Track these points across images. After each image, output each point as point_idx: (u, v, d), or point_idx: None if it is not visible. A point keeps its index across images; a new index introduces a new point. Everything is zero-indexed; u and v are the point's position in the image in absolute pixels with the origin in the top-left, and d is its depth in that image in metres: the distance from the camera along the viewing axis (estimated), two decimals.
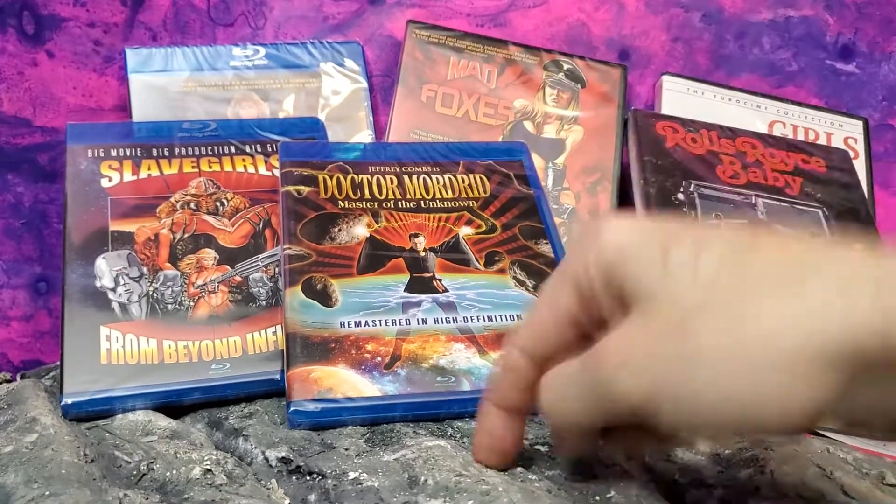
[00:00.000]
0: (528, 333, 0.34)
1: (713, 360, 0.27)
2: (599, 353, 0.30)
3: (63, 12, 0.69)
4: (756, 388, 0.26)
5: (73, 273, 0.51)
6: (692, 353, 0.27)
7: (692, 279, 0.28)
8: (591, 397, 0.30)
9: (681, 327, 0.27)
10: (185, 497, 0.37)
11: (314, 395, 0.44)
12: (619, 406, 0.29)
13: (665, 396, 0.28)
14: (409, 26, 0.73)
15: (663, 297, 0.28)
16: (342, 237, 0.52)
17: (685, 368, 0.27)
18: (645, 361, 0.28)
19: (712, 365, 0.27)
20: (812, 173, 0.67)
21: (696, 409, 0.27)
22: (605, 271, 0.30)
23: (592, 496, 0.36)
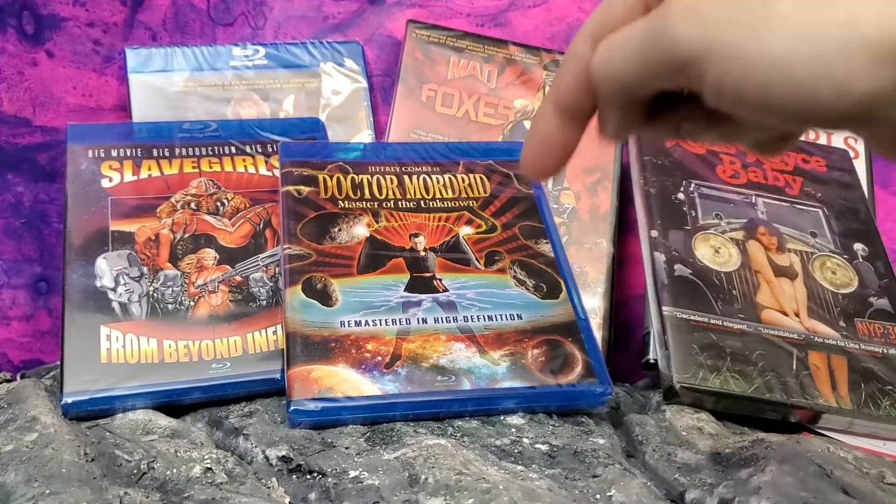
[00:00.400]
0: (597, 17, 0.32)
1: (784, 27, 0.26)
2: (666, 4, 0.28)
3: (63, 12, 0.69)
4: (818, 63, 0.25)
5: (73, 273, 0.51)
6: (764, 16, 0.26)
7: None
8: (646, 46, 0.29)
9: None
10: (185, 496, 0.37)
11: (314, 395, 0.44)
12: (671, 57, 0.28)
13: (720, 56, 0.27)
14: (409, 26, 0.73)
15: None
16: (342, 237, 0.52)
17: (752, 30, 0.26)
18: (713, 13, 0.27)
19: (781, 32, 0.26)
20: (812, 173, 0.68)
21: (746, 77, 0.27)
22: None
23: (593, 494, 0.36)
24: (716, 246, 0.60)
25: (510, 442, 0.42)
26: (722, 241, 0.60)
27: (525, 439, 0.43)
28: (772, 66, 0.26)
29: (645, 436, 0.45)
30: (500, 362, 0.47)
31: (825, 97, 0.26)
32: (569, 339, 0.49)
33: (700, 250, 0.59)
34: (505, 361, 0.47)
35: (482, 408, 0.46)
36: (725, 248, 0.60)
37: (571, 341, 0.49)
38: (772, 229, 0.62)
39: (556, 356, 0.48)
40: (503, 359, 0.47)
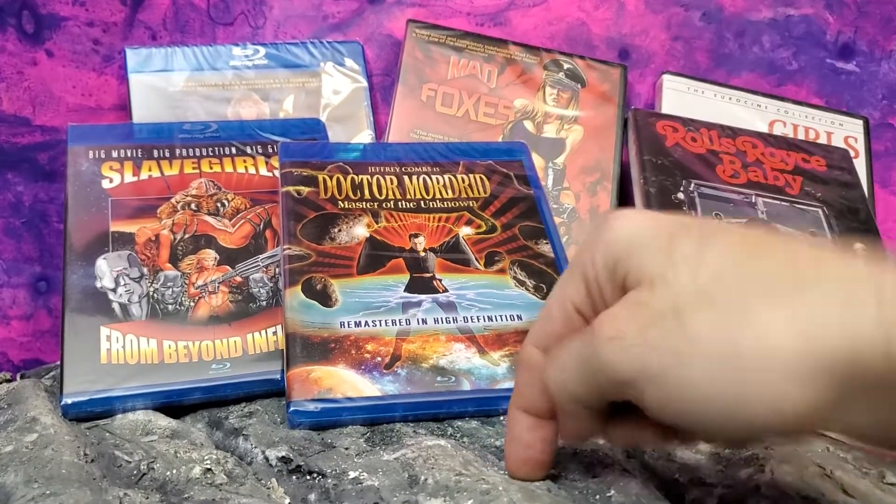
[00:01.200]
0: (541, 328, 0.34)
1: (705, 352, 0.27)
2: (595, 326, 0.30)
3: (62, 11, 0.69)
4: (747, 387, 0.26)
5: (73, 274, 0.51)
6: (685, 341, 0.27)
7: (695, 271, 0.28)
8: (584, 369, 0.30)
9: (677, 315, 0.28)
10: (185, 496, 0.37)
11: (314, 395, 0.44)
12: (608, 379, 0.29)
13: (651, 378, 0.28)
14: (409, 25, 0.73)
15: (663, 284, 0.28)
16: (342, 237, 0.52)
17: (675, 355, 0.27)
18: (635, 339, 0.28)
19: (704, 357, 0.27)
20: (812, 172, 0.67)
21: (681, 398, 0.27)
22: (610, 260, 0.31)
23: (592, 495, 0.36)
24: None
25: None
26: None
27: None
28: (703, 390, 0.27)
29: None
30: (500, 363, 0.47)
31: (762, 416, 0.26)
32: None
33: None
34: (505, 362, 0.47)
35: (482, 408, 0.46)
36: None
37: None
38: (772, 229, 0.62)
39: None
40: (503, 359, 0.47)
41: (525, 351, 0.35)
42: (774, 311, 0.26)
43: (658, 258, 0.29)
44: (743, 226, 0.31)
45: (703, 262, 0.28)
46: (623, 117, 0.72)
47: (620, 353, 0.29)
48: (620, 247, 0.30)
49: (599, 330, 0.29)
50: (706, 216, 0.61)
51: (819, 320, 0.25)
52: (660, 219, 0.31)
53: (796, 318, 0.26)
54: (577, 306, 0.33)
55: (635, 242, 0.30)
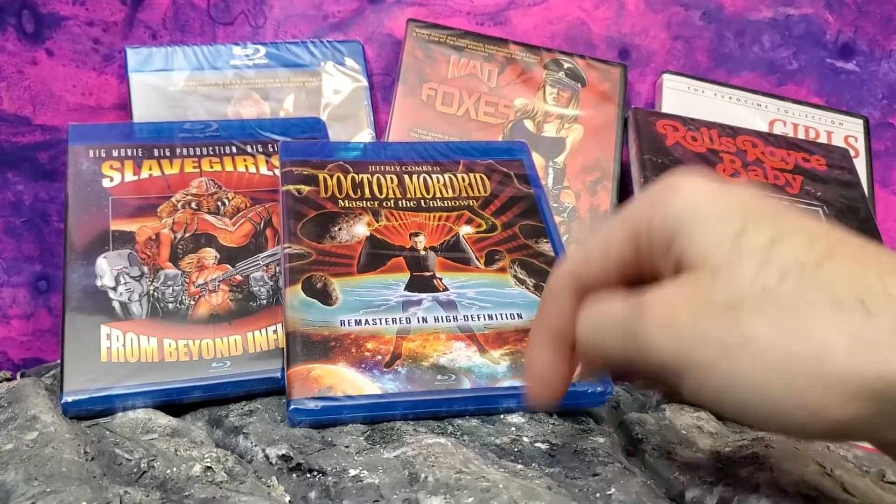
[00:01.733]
0: (578, 259, 0.34)
1: (758, 352, 0.26)
2: (644, 305, 0.29)
3: (62, 11, 0.69)
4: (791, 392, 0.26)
5: (73, 272, 0.51)
6: (739, 338, 0.27)
7: (761, 268, 0.27)
8: (625, 341, 0.30)
9: (734, 310, 0.27)
10: (185, 494, 0.37)
11: (314, 394, 0.44)
12: (649, 360, 0.29)
13: (696, 369, 0.28)
14: (410, 25, 0.73)
15: (726, 275, 0.28)
16: (342, 236, 0.52)
17: (725, 349, 0.27)
18: (688, 328, 0.28)
19: (754, 357, 0.26)
20: (812, 172, 0.67)
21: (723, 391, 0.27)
22: (670, 230, 0.30)
23: (593, 493, 0.36)
24: None
25: (510, 441, 0.42)
26: None
27: (525, 438, 0.43)
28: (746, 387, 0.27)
29: (645, 434, 0.45)
30: (500, 361, 0.47)
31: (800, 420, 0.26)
32: None
33: None
34: (505, 360, 0.47)
35: (482, 407, 0.46)
36: None
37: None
38: None
39: None
40: (503, 358, 0.47)
41: (554, 283, 0.35)
42: (836, 326, 0.26)
43: (725, 245, 0.28)
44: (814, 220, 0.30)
45: (769, 260, 0.27)
46: (623, 116, 0.72)
47: (670, 340, 0.28)
48: (684, 217, 0.29)
49: (651, 312, 0.29)
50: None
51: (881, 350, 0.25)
52: (730, 195, 0.30)
53: (856, 337, 0.25)
54: (621, 258, 0.32)
55: (700, 220, 0.29)
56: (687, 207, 0.30)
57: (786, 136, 0.71)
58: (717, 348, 0.27)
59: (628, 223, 0.32)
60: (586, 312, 0.32)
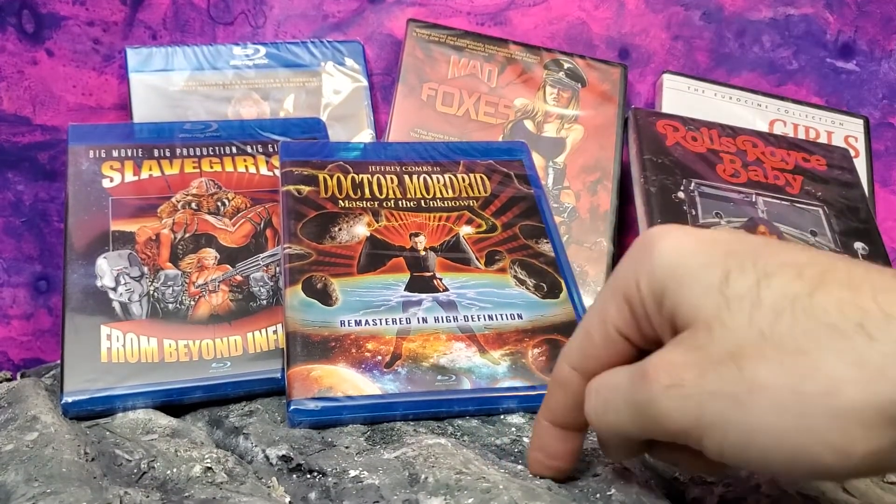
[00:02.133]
0: (578, 348, 0.33)
1: (768, 398, 0.26)
2: (648, 371, 0.29)
3: (62, 11, 0.69)
4: (812, 434, 0.25)
5: (74, 273, 0.51)
6: (746, 387, 0.26)
7: (752, 311, 0.27)
8: (635, 413, 0.29)
9: (736, 360, 0.26)
10: (185, 495, 0.37)
11: (314, 394, 0.44)
12: (664, 427, 0.28)
13: (712, 426, 0.27)
14: (410, 25, 0.73)
15: (720, 327, 0.27)
16: (342, 236, 0.52)
17: (736, 402, 0.26)
18: (694, 387, 0.27)
19: (767, 404, 0.26)
20: (812, 172, 0.67)
21: (744, 445, 0.27)
22: (657, 290, 0.29)
23: (593, 494, 0.36)
24: None
25: (510, 441, 0.42)
26: None
27: (525, 438, 0.43)
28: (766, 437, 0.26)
29: None
30: (500, 362, 0.47)
31: (828, 461, 0.25)
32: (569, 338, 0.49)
33: None
34: (505, 361, 0.47)
35: (482, 407, 0.46)
36: None
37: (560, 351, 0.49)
38: (772, 228, 0.62)
39: (557, 356, 0.48)
40: (503, 358, 0.47)
41: (560, 369, 0.34)
42: (840, 356, 0.25)
43: (712, 297, 0.28)
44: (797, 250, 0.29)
45: (760, 302, 0.27)
46: (623, 116, 0.72)
47: (678, 401, 0.27)
48: (667, 275, 0.29)
49: (655, 376, 0.28)
50: (706, 216, 0.61)
51: (890, 373, 0.25)
52: (707, 243, 0.29)
53: (863, 365, 0.25)
54: (621, 329, 0.31)
55: (684, 273, 0.29)
56: (668, 264, 0.29)
57: (786, 136, 0.71)
58: (728, 401, 0.26)
59: (618, 289, 0.31)
60: (592, 392, 0.32)
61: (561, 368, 0.34)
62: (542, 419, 0.35)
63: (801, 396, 0.25)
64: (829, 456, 0.25)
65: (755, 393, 0.26)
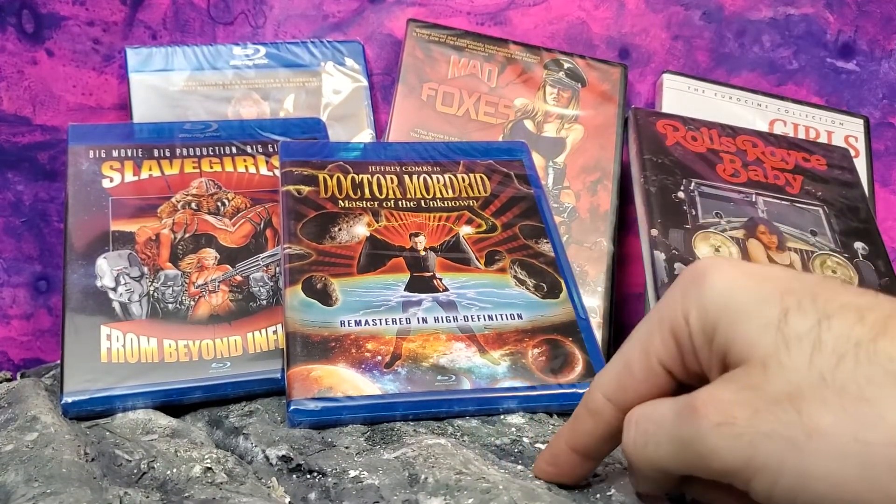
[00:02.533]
0: (615, 378, 0.32)
1: (828, 445, 0.25)
2: (697, 406, 0.27)
3: (62, 11, 0.69)
4: (872, 484, 0.24)
5: (73, 273, 0.51)
6: (805, 431, 0.25)
7: (813, 353, 0.26)
8: (680, 449, 0.28)
9: (794, 402, 0.26)
10: (185, 495, 0.37)
11: (314, 394, 0.44)
12: (710, 466, 0.27)
13: (764, 468, 0.26)
14: (410, 25, 0.73)
15: (777, 366, 0.26)
16: (342, 236, 0.52)
17: (793, 446, 0.25)
18: (747, 426, 0.26)
19: (826, 449, 0.25)
20: (812, 171, 0.67)
21: (798, 490, 0.26)
22: (709, 324, 0.28)
23: (593, 494, 0.36)
24: (716, 245, 0.60)
25: (510, 441, 0.42)
26: (722, 240, 0.60)
27: (525, 438, 0.43)
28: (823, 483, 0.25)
29: None
30: (500, 362, 0.47)
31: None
32: (569, 338, 0.49)
33: (700, 249, 0.59)
34: (505, 361, 0.47)
35: (482, 407, 0.46)
36: (725, 247, 0.60)
37: (572, 341, 0.49)
38: (772, 228, 0.62)
39: (557, 356, 0.48)
40: (503, 358, 0.47)
41: (593, 398, 0.33)
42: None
43: (769, 335, 0.27)
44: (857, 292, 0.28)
45: (821, 344, 0.26)
46: (623, 116, 0.72)
47: (730, 440, 0.26)
48: (720, 309, 0.28)
49: (705, 413, 0.27)
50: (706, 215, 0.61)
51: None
52: (763, 279, 0.28)
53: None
54: (664, 362, 0.30)
55: (739, 308, 0.28)
56: (722, 296, 0.28)
57: (786, 136, 0.71)
58: (784, 444, 0.25)
59: (664, 322, 0.30)
60: (632, 424, 0.31)
61: (594, 397, 0.33)
62: (564, 443, 0.34)
63: (863, 445, 0.24)
64: None
65: (814, 438, 0.25)
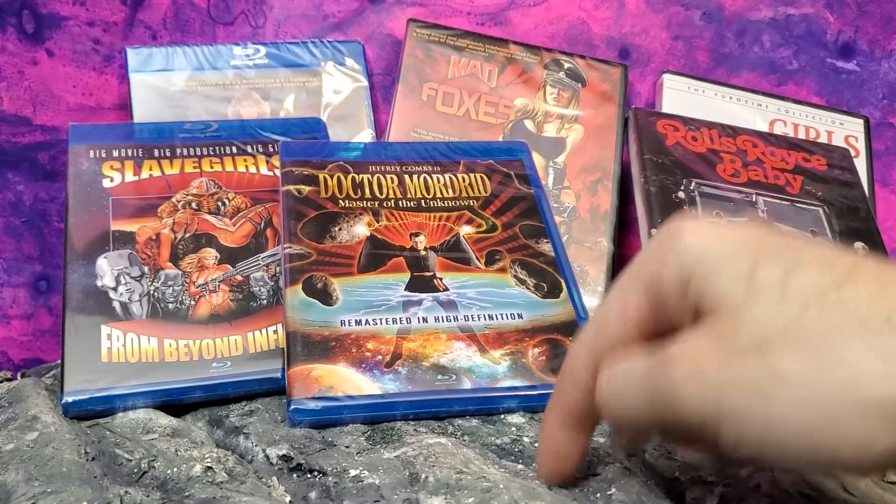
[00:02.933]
0: (591, 335, 0.33)
1: (792, 389, 0.25)
2: (668, 359, 0.28)
3: (63, 11, 0.69)
4: (834, 427, 0.25)
5: (74, 273, 0.51)
6: (769, 378, 0.26)
7: (779, 303, 0.26)
8: (652, 401, 0.29)
9: (761, 350, 0.26)
10: (185, 494, 0.37)
11: (315, 394, 0.44)
12: (680, 416, 0.28)
13: (731, 416, 0.26)
14: (410, 25, 0.73)
15: (745, 316, 0.27)
16: (343, 236, 0.52)
17: (759, 393, 0.26)
18: (716, 375, 0.27)
19: (790, 394, 0.25)
20: (813, 171, 0.67)
21: (762, 435, 0.26)
22: (683, 277, 0.29)
23: (593, 493, 0.36)
24: None
25: (510, 441, 0.42)
26: None
27: (525, 438, 0.43)
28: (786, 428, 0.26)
29: None
30: (500, 361, 0.47)
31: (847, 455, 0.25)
32: (570, 338, 0.49)
33: None
34: (506, 360, 0.47)
35: (483, 407, 0.46)
36: None
37: (572, 340, 0.49)
38: None
39: (557, 355, 0.48)
40: (504, 358, 0.47)
41: (573, 362, 0.33)
42: (866, 350, 0.25)
43: (739, 285, 0.27)
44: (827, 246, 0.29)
45: (788, 292, 0.26)
46: (623, 116, 0.72)
47: (699, 389, 0.27)
48: (695, 260, 0.29)
49: (675, 364, 0.28)
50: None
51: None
52: (735, 235, 0.29)
53: (890, 359, 0.24)
54: (639, 317, 0.31)
55: (711, 261, 0.28)
56: (697, 250, 0.29)
57: (786, 136, 0.71)
58: (750, 391, 0.26)
59: (638, 278, 0.31)
60: (607, 376, 0.31)
61: (574, 360, 0.33)
62: (551, 420, 0.35)
63: (824, 389, 0.25)
64: (850, 449, 0.25)
65: (777, 384, 0.26)
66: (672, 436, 0.32)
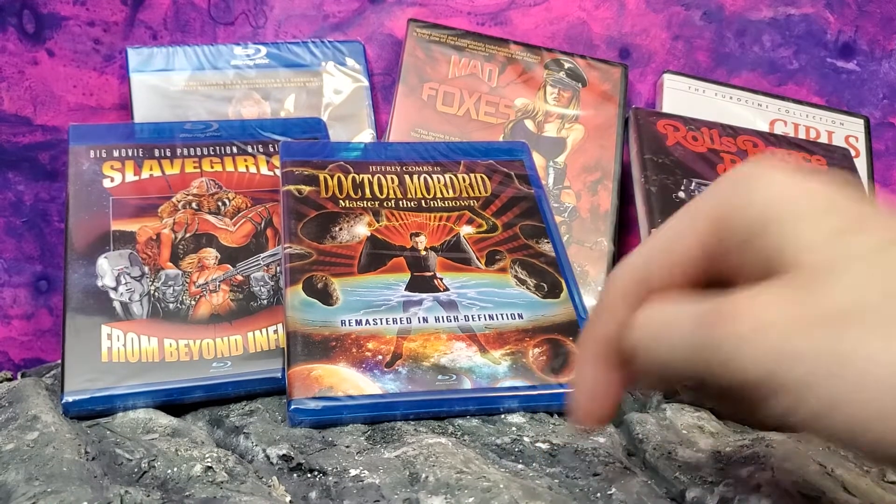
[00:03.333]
0: (640, 259, 0.30)
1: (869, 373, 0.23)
2: (728, 312, 0.25)
3: (63, 11, 0.69)
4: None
5: (74, 273, 0.51)
6: (843, 357, 0.23)
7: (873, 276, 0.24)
8: (697, 353, 0.26)
9: (841, 323, 0.23)
10: (186, 494, 0.37)
11: (315, 394, 0.44)
12: (730, 374, 0.25)
13: (791, 389, 0.24)
14: (410, 25, 0.73)
15: (831, 281, 0.24)
16: (343, 236, 0.52)
17: (828, 368, 0.23)
18: (782, 341, 0.24)
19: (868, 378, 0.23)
20: None
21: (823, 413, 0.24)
22: (758, 225, 0.26)
23: (594, 493, 0.36)
24: None
25: (511, 440, 0.42)
26: None
27: (525, 438, 0.43)
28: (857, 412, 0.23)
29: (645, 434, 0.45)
30: (501, 361, 0.47)
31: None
32: (570, 338, 0.49)
33: None
34: (506, 360, 0.47)
35: (483, 407, 0.46)
36: None
37: (572, 340, 0.49)
38: None
39: (558, 355, 0.48)
40: (504, 358, 0.47)
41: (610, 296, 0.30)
42: None
43: (829, 246, 0.24)
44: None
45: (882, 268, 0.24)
46: (624, 116, 0.72)
47: (762, 351, 0.24)
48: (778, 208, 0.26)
49: (739, 317, 0.25)
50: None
51: None
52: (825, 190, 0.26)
53: None
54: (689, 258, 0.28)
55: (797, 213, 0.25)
56: (778, 199, 0.26)
57: (786, 136, 0.71)
58: (823, 365, 0.23)
59: (702, 215, 0.28)
60: (646, 318, 0.28)
61: (611, 295, 0.30)
62: (584, 354, 0.32)
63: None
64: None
65: (853, 364, 0.23)
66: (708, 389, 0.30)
